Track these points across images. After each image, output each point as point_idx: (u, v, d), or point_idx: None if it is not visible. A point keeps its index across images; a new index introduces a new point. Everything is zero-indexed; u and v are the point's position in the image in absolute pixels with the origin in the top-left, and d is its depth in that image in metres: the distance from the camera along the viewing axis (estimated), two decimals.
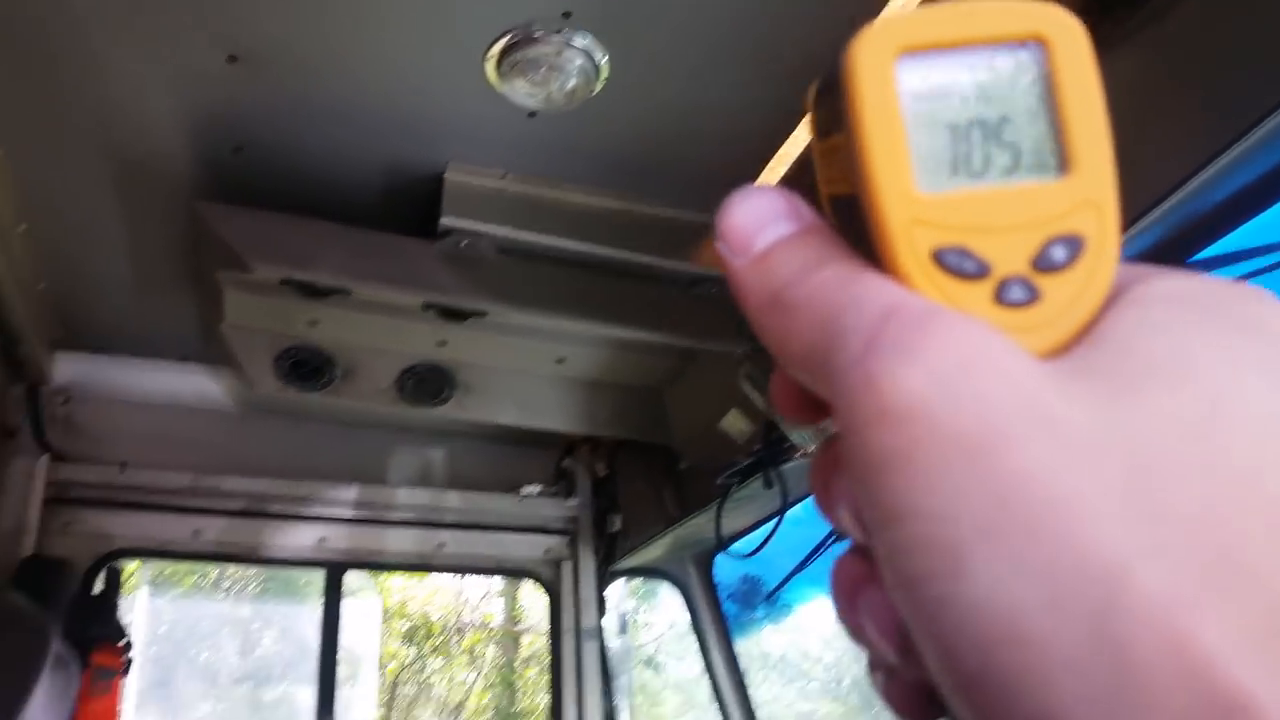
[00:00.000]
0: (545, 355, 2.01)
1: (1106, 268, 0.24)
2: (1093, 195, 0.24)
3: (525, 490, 2.47)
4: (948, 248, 0.23)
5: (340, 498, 2.38)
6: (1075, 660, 0.19)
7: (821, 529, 1.86)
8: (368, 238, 1.67)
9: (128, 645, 2.25)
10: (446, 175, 1.62)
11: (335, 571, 2.42)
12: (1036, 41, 0.24)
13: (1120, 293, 0.24)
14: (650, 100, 1.46)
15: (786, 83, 1.37)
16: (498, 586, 9.46)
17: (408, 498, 2.42)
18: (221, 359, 2.13)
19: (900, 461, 0.20)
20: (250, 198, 1.62)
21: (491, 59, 1.35)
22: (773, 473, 1.86)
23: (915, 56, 0.24)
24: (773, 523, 1.93)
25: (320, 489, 2.36)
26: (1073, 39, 0.24)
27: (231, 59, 1.34)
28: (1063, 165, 0.24)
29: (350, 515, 2.39)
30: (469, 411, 2.08)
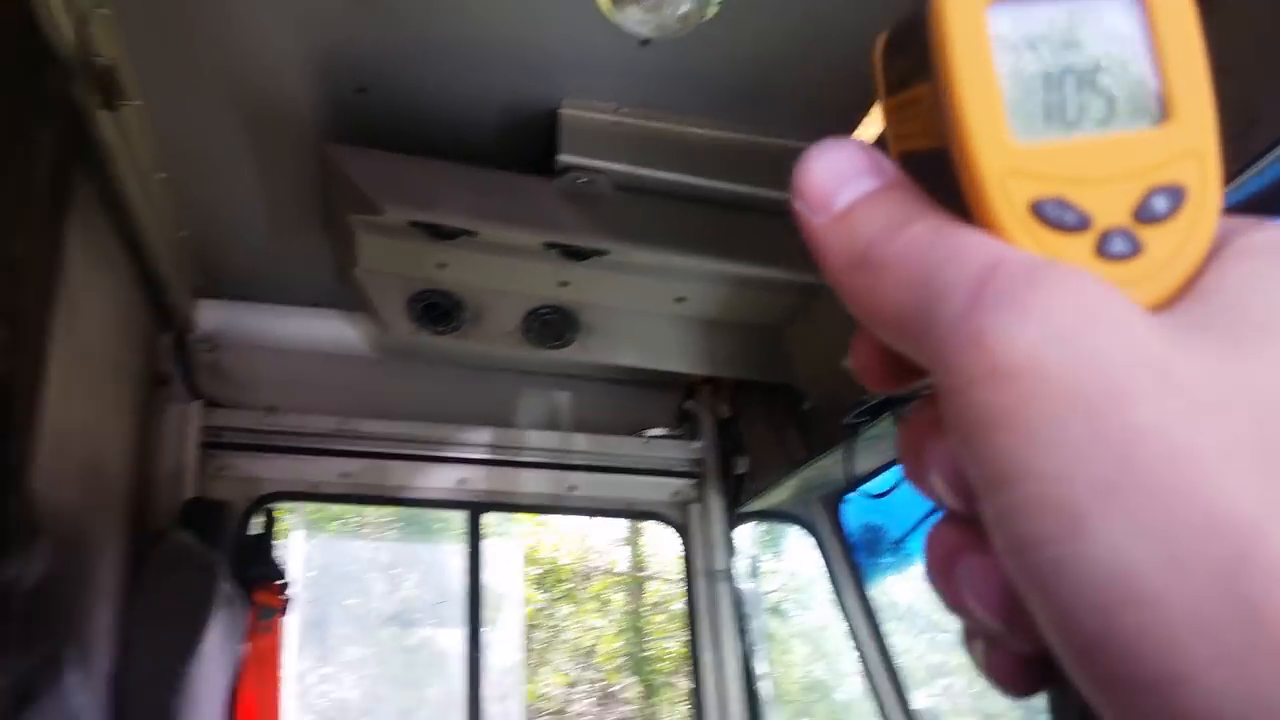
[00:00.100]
0: (665, 294, 2.01)
1: (1209, 219, 0.23)
2: (1194, 144, 0.23)
3: (649, 433, 2.49)
4: (1046, 199, 0.23)
5: (476, 440, 2.45)
6: (1203, 620, 0.18)
7: None
8: (489, 177, 1.70)
9: (286, 585, 2.39)
10: (562, 111, 1.63)
11: (475, 512, 2.51)
12: None
13: (1222, 244, 0.23)
14: (764, 23, 1.42)
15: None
16: (622, 533, 9.66)
17: (538, 440, 2.48)
18: (357, 304, 2.22)
19: (1013, 420, 0.20)
20: (373, 139, 1.67)
21: None
22: (903, 411, 1.81)
23: (1007, 3, 0.23)
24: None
25: (457, 432, 2.44)
26: None
27: None
28: (1162, 113, 0.23)
29: (486, 457, 2.46)
30: (591, 353, 2.10)
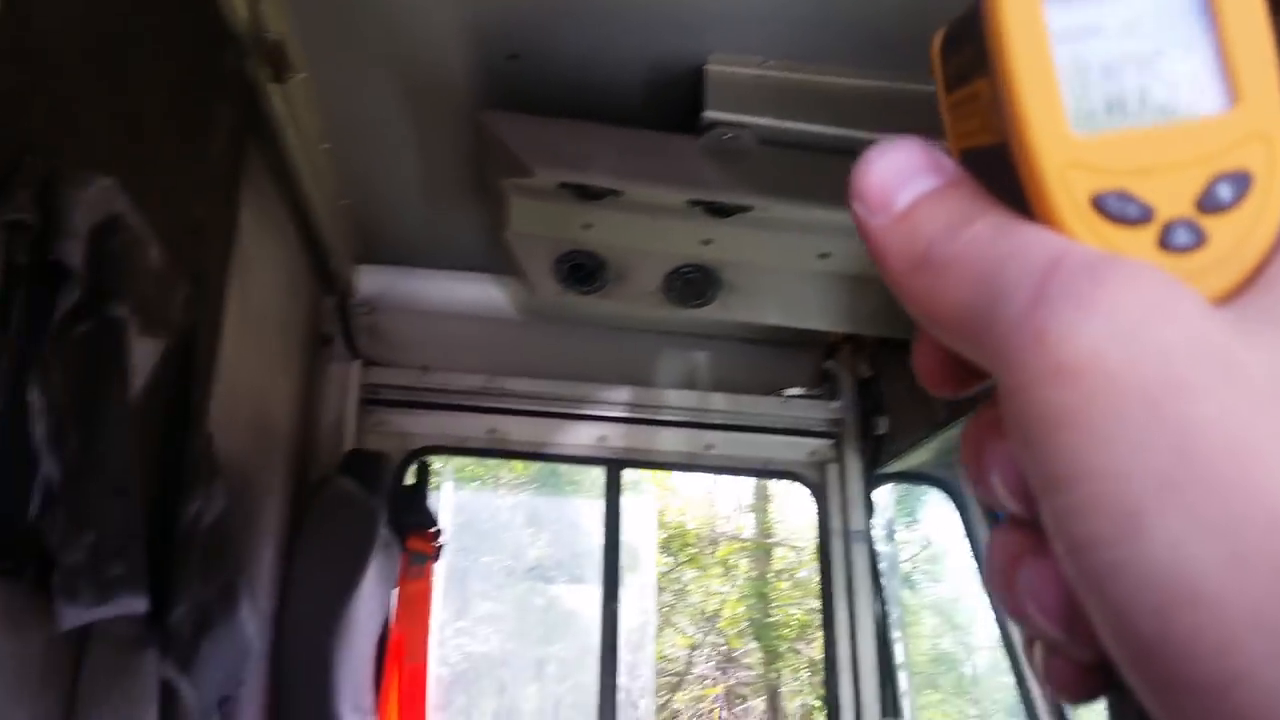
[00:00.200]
0: (808, 250, 2.00)
1: (1276, 205, 0.22)
2: (1260, 126, 0.22)
3: (788, 392, 2.49)
4: (1108, 192, 0.22)
5: (615, 398, 2.51)
6: (1262, 617, 0.18)
7: None
8: (635, 137, 1.72)
9: (438, 533, 2.52)
10: (707, 67, 1.63)
11: (614, 468, 2.58)
12: None
13: None
14: None
15: None
16: (749, 499, 9.68)
17: (676, 399, 2.51)
18: (505, 268, 2.29)
19: (1074, 419, 0.19)
20: (524, 104, 1.72)
21: None
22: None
23: None
24: None
25: (597, 390, 2.51)
26: None
27: None
28: (1226, 97, 0.22)
29: (625, 415, 2.52)
30: (733, 312, 2.11)
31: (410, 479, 2.55)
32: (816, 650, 9.20)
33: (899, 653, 2.48)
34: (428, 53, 1.66)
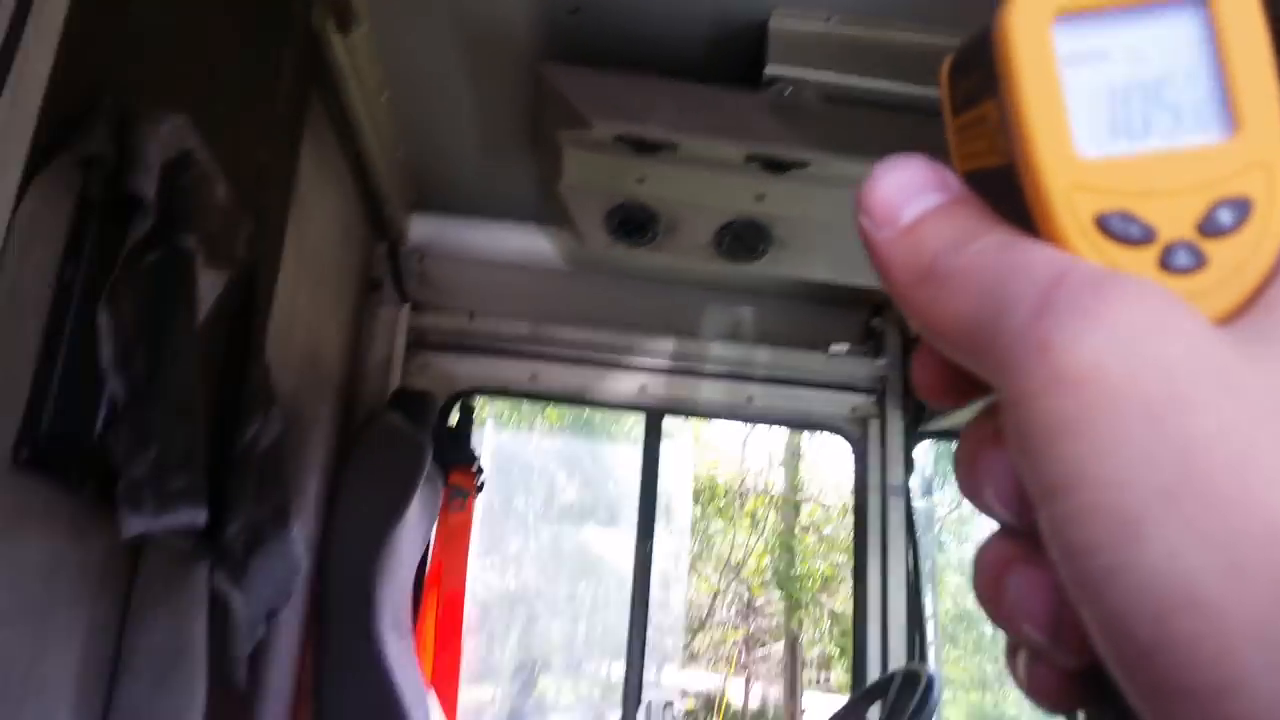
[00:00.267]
0: None
1: (1275, 231, 0.23)
2: (1261, 155, 0.23)
3: (834, 348, 2.49)
4: (1111, 213, 0.23)
5: (658, 349, 2.53)
6: (1259, 628, 0.18)
7: None
8: (695, 91, 1.71)
9: (479, 470, 2.58)
10: (770, 22, 1.62)
11: (654, 416, 2.61)
12: None
13: None
14: None
15: None
16: (780, 456, 9.74)
17: (719, 351, 2.53)
18: (555, 219, 2.30)
19: (1076, 427, 0.20)
20: (585, 58, 1.71)
21: None
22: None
23: (1071, 18, 0.23)
24: None
25: (640, 340, 2.53)
26: None
27: None
28: (1228, 126, 0.23)
29: (667, 365, 2.54)
30: (783, 267, 2.11)
31: (454, 419, 2.60)
32: (838, 603, 9.32)
33: (928, 605, 2.50)
34: (489, 6, 1.66)
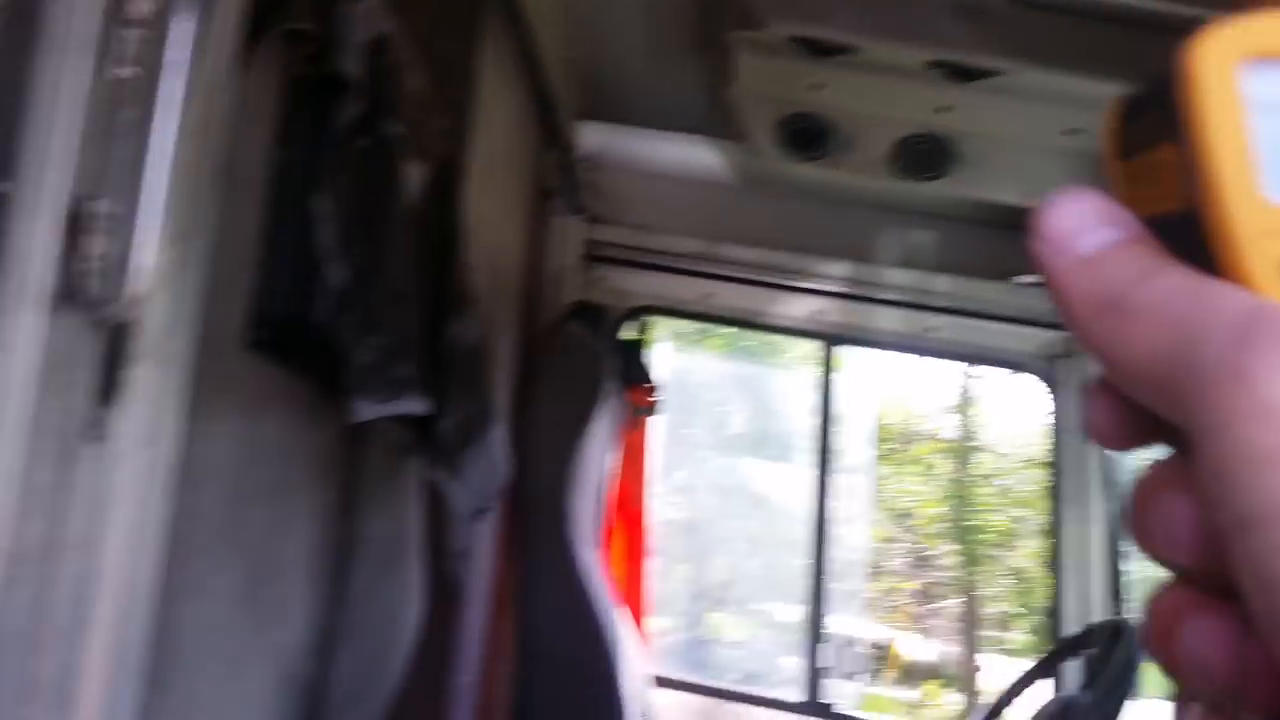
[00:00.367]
0: (1056, 124, 1.85)
1: None
2: None
3: (1020, 279, 2.36)
4: None
5: (833, 273, 2.48)
6: None
7: None
8: None
9: (656, 388, 2.62)
10: None
11: (828, 343, 2.57)
12: None
13: None
14: None
15: None
16: (952, 401, 9.32)
17: (897, 278, 2.45)
18: (725, 132, 2.28)
19: (1276, 458, 0.20)
20: None
21: None
22: None
23: (1258, 63, 0.23)
24: None
25: (815, 263, 2.48)
26: None
27: None
28: None
29: (842, 291, 2.49)
30: (965, 188, 2.01)
31: (631, 335, 2.64)
32: (1018, 558, 8.90)
33: (1127, 557, 2.37)
34: None
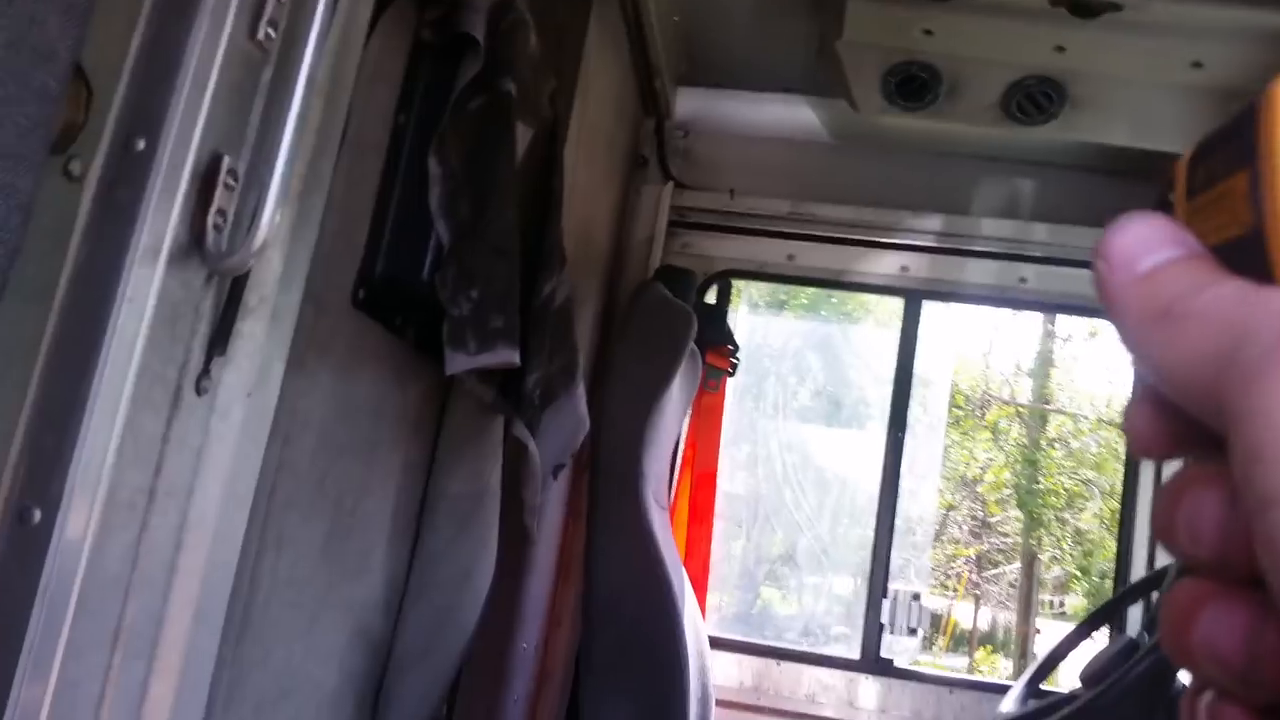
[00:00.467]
0: (1179, 58, 1.79)
1: None
2: None
3: None
4: None
5: (924, 227, 2.43)
6: None
7: None
8: None
9: (735, 350, 2.61)
10: None
11: (914, 299, 2.53)
12: None
13: None
14: None
15: None
16: (1028, 364, 9.20)
17: (991, 228, 2.40)
18: (824, 88, 2.24)
19: None
20: None
21: None
22: None
23: None
24: None
25: (905, 218, 2.44)
26: None
27: None
28: None
29: (932, 244, 2.44)
30: (1077, 130, 1.96)
31: (711, 299, 2.63)
32: (1084, 519, 8.80)
33: None
34: None
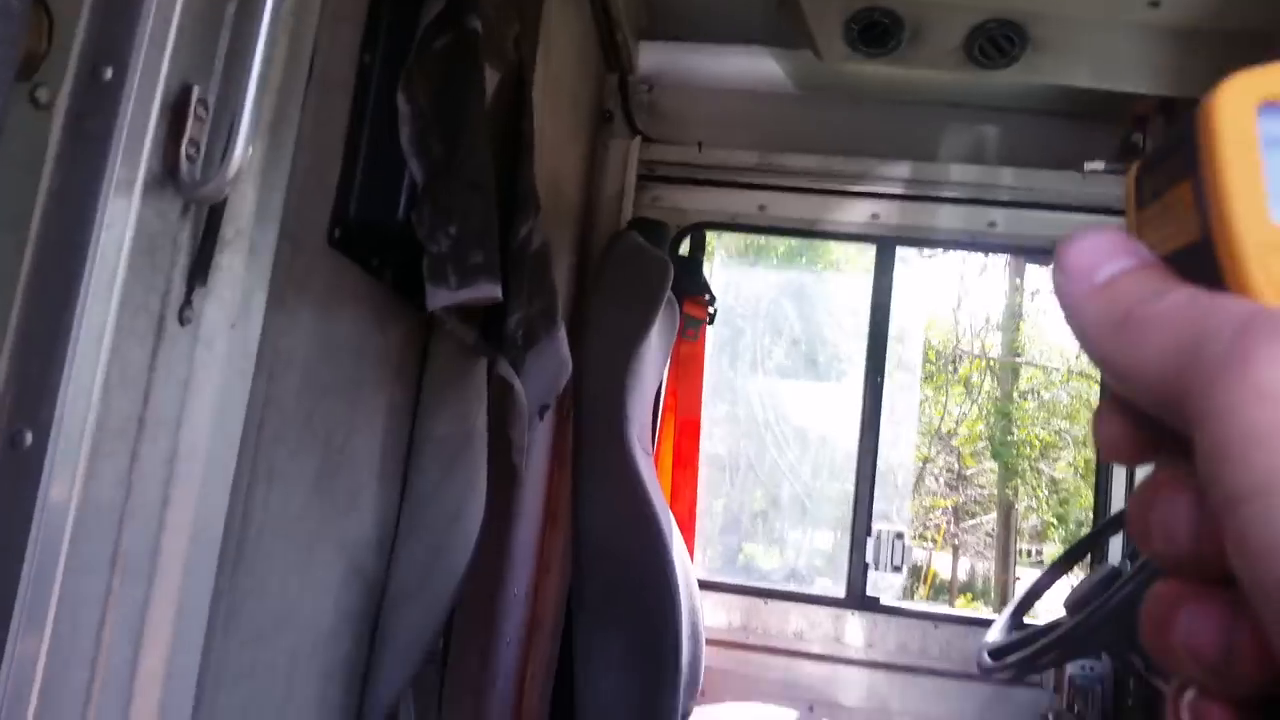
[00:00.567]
0: None
1: None
2: None
3: (1088, 167, 2.33)
4: None
5: (892, 174, 2.45)
6: None
7: None
8: None
9: (711, 299, 2.63)
10: None
11: (886, 246, 2.55)
12: None
13: None
14: None
15: None
16: (997, 319, 9.29)
17: (959, 174, 2.42)
18: (788, 39, 2.24)
19: (1271, 434, 0.22)
20: None
21: None
22: None
23: (1271, 106, 0.26)
24: None
25: (873, 165, 2.46)
26: None
27: None
28: None
29: (901, 192, 2.46)
30: (1039, 73, 1.97)
31: (685, 251, 2.65)
32: (1059, 469, 8.96)
33: None
34: None
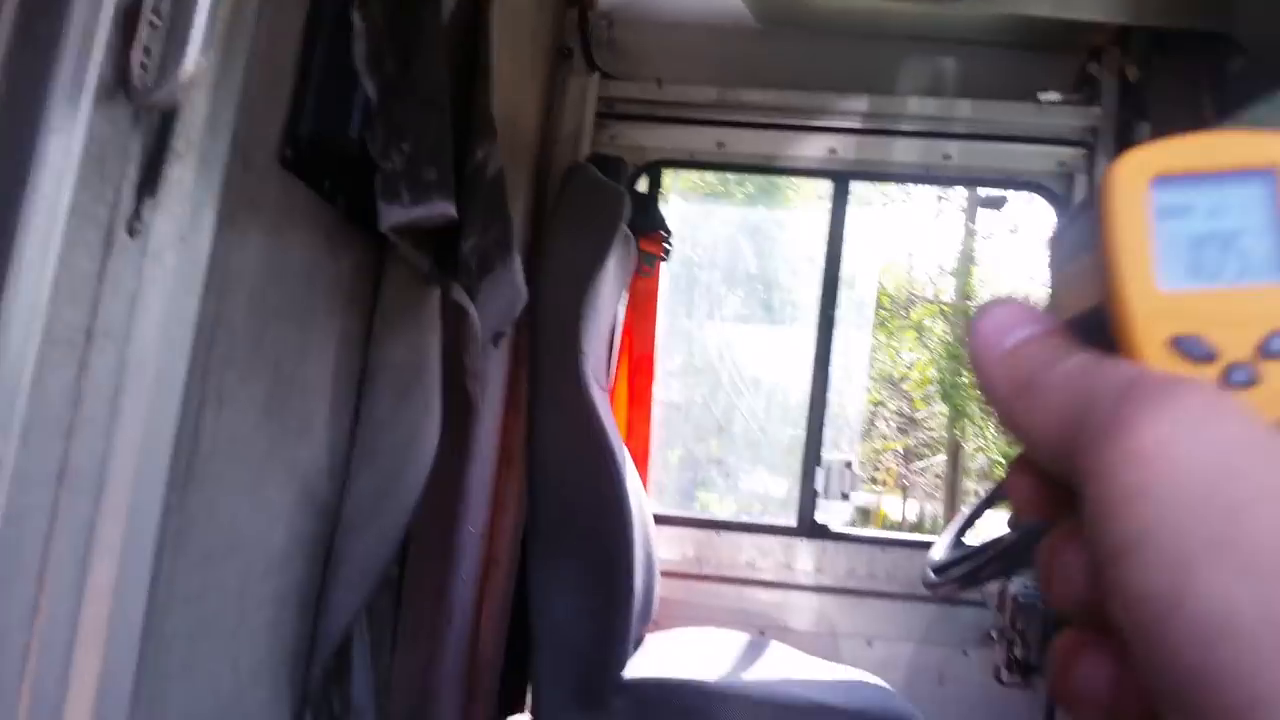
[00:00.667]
0: None
1: None
2: None
3: (1044, 97, 2.34)
4: (1183, 336, 0.28)
5: (850, 108, 2.45)
6: None
7: None
8: None
9: (667, 235, 2.62)
10: None
11: (842, 181, 2.56)
12: (1270, 169, 0.28)
13: None
14: None
15: None
16: (950, 264, 9.40)
17: (916, 107, 2.42)
18: None
19: (1144, 492, 0.24)
20: None
21: None
22: None
23: (1167, 179, 0.28)
24: None
25: (831, 100, 2.45)
26: None
27: None
28: None
29: (858, 126, 2.46)
30: (996, 4, 1.97)
31: (642, 188, 2.62)
32: None
33: None
34: None
